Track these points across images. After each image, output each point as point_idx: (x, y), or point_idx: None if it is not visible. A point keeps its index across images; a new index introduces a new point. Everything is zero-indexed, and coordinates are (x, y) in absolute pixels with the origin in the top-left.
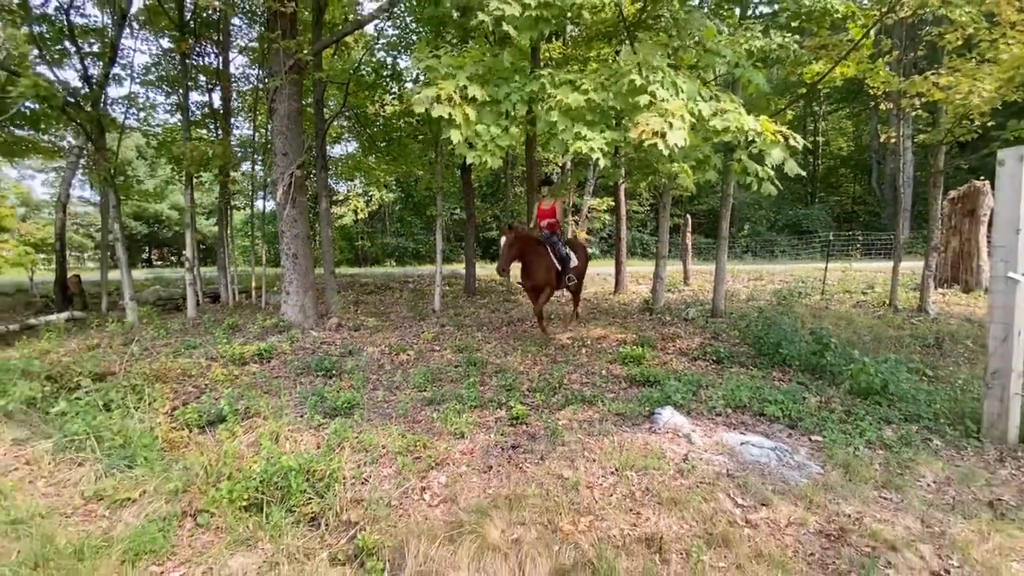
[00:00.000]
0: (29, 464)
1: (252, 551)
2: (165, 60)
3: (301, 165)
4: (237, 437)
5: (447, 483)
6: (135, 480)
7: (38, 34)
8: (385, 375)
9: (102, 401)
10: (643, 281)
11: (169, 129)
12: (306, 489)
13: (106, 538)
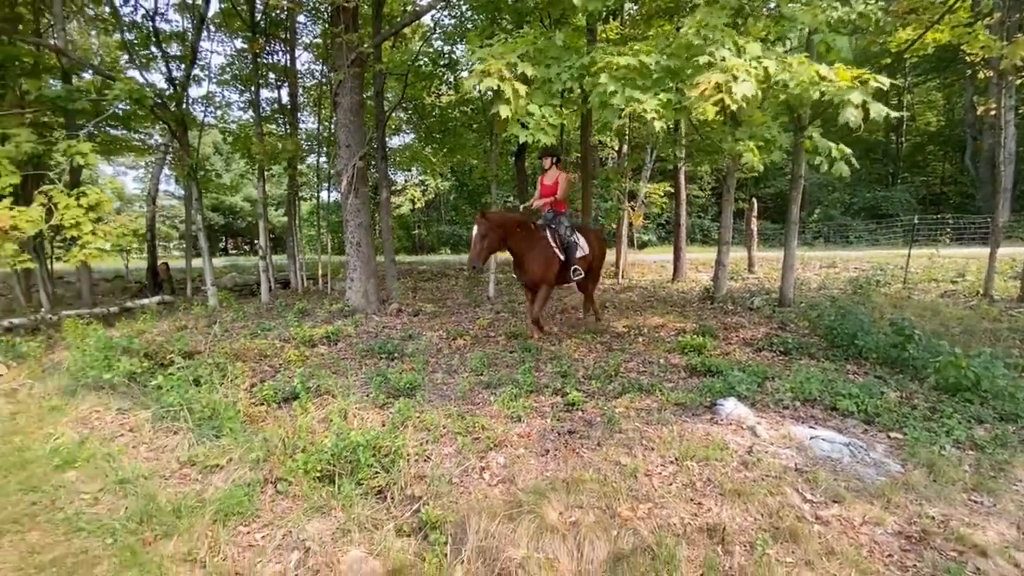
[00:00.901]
0: (132, 431)
1: (326, 518)
2: (238, 60)
3: (363, 156)
4: (309, 413)
5: (505, 464)
6: (222, 449)
7: (128, 41)
8: (443, 359)
9: (192, 377)
10: (703, 269)
11: (242, 125)
12: (373, 463)
13: (199, 499)
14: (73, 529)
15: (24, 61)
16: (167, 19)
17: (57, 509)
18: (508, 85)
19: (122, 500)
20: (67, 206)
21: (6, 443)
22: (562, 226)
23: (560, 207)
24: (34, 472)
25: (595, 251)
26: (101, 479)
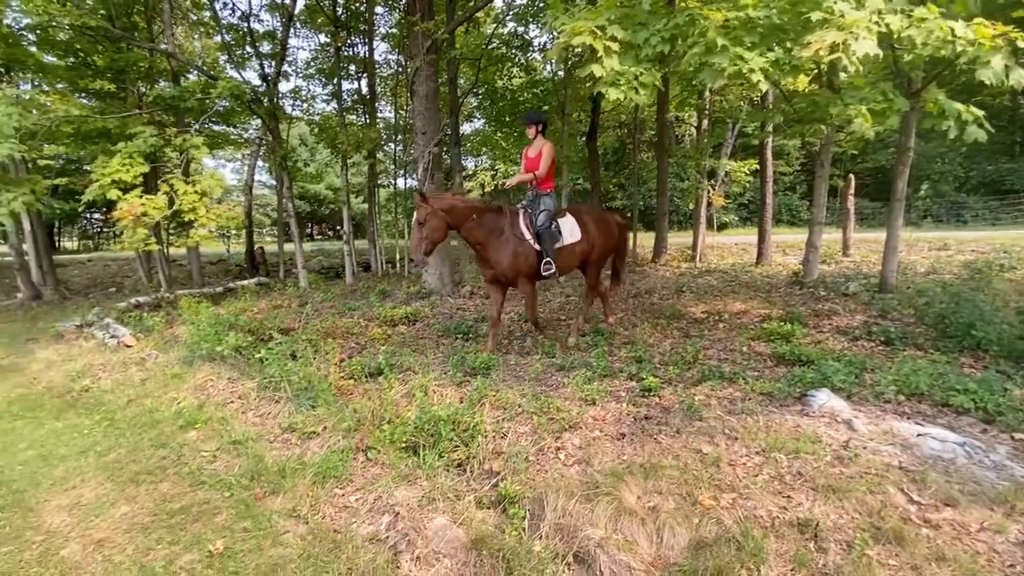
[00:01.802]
0: (240, 398)
1: (412, 486)
2: (321, 54)
3: (438, 143)
4: (393, 388)
5: (581, 446)
6: (318, 418)
7: (226, 42)
8: (516, 341)
9: (289, 351)
10: (791, 251)
11: (326, 117)
12: (453, 437)
13: (300, 462)
14: (197, 482)
15: (140, 66)
16: (260, 19)
17: (183, 464)
18: (600, 42)
19: (235, 459)
20: (185, 192)
21: (139, 405)
22: (538, 209)
23: (544, 185)
24: (162, 431)
25: (594, 238)
26: (217, 439)
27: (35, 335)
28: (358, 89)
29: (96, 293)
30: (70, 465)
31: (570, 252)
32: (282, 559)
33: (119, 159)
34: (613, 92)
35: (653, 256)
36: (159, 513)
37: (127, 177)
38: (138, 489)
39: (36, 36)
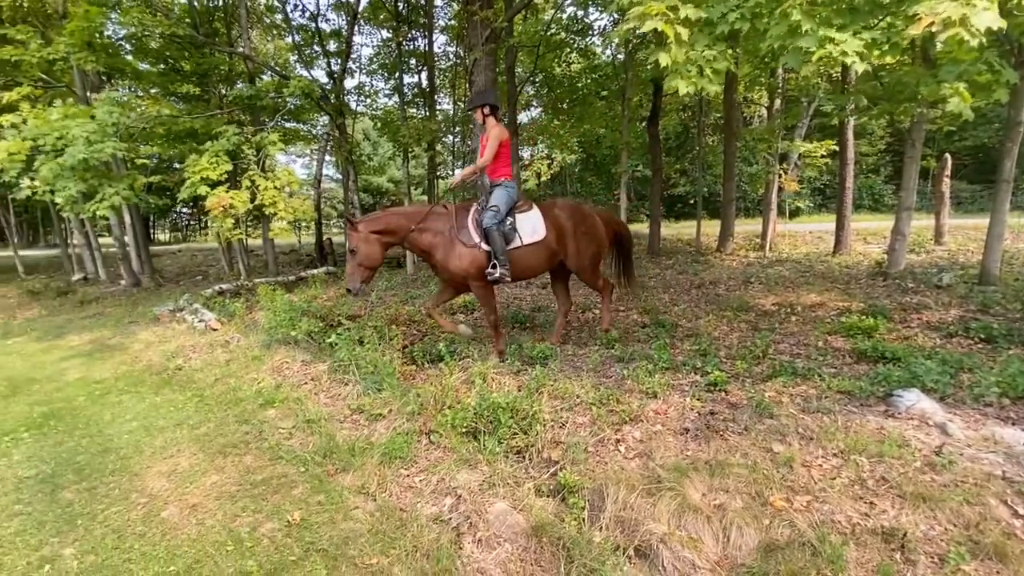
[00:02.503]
0: (313, 380)
1: (473, 470)
2: (383, 50)
3: None
4: (453, 375)
5: (642, 439)
6: (383, 401)
7: (296, 43)
8: (573, 331)
9: (356, 337)
10: (873, 240)
11: (388, 111)
12: (512, 425)
13: (368, 442)
14: (276, 456)
15: (221, 69)
16: (327, 19)
17: (263, 439)
18: (671, 28)
19: (310, 437)
20: (265, 187)
21: (224, 384)
22: (489, 204)
23: (494, 174)
24: (245, 408)
25: (567, 239)
26: (293, 418)
27: (135, 318)
28: (418, 83)
29: (185, 281)
30: (167, 436)
31: (531, 253)
32: (353, 533)
33: (207, 158)
34: (683, 86)
35: (718, 245)
36: (243, 483)
37: (214, 174)
38: (225, 460)
39: (132, 46)
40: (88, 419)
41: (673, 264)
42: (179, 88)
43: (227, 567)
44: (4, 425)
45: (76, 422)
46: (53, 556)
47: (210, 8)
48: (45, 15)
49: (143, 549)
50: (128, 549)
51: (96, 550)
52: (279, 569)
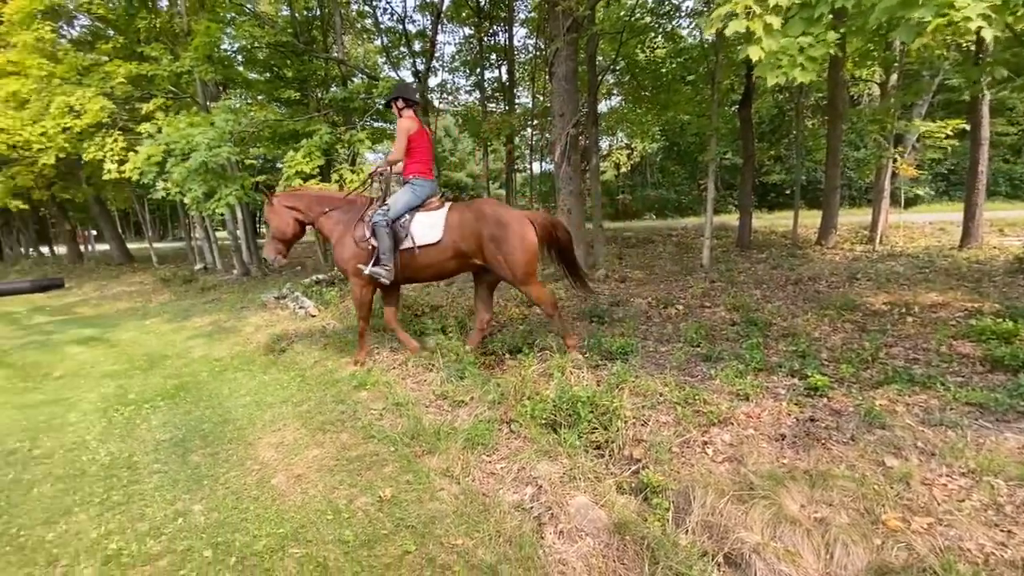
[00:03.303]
0: (400, 366)
1: (554, 462)
2: (465, 47)
3: (576, 124)
4: (532, 366)
5: (732, 443)
6: (465, 388)
7: (385, 45)
8: (654, 327)
9: (439, 326)
10: (1011, 231)
11: (468, 107)
12: (592, 420)
13: (452, 427)
14: (368, 435)
15: (318, 74)
16: (413, 20)
17: (357, 419)
18: (758, 23)
19: (398, 419)
20: (351, 181)
21: (322, 366)
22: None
23: (406, 171)
24: (340, 389)
25: (471, 243)
26: (383, 400)
27: (246, 304)
28: (498, 77)
29: (287, 271)
30: (275, 411)
31: (425, 255)
32: (439, 513)
33: (301, 153)
34: (771, 77)
35: (819, 237)
36: (340, 459)
37: (307, 168)
38: (324, 436)
39: (243, 57)
40: (210, 392)
41: (766, 258)
42: (282, 94)
43: (328, 534)
44: (144, 394)
45: (200, 394)
46: (185, 511)
47: (309, 18)
48: (173, 34)
49: (257, 511)
50: (245, 510)
51: (219, 508)
52: (372, 541)
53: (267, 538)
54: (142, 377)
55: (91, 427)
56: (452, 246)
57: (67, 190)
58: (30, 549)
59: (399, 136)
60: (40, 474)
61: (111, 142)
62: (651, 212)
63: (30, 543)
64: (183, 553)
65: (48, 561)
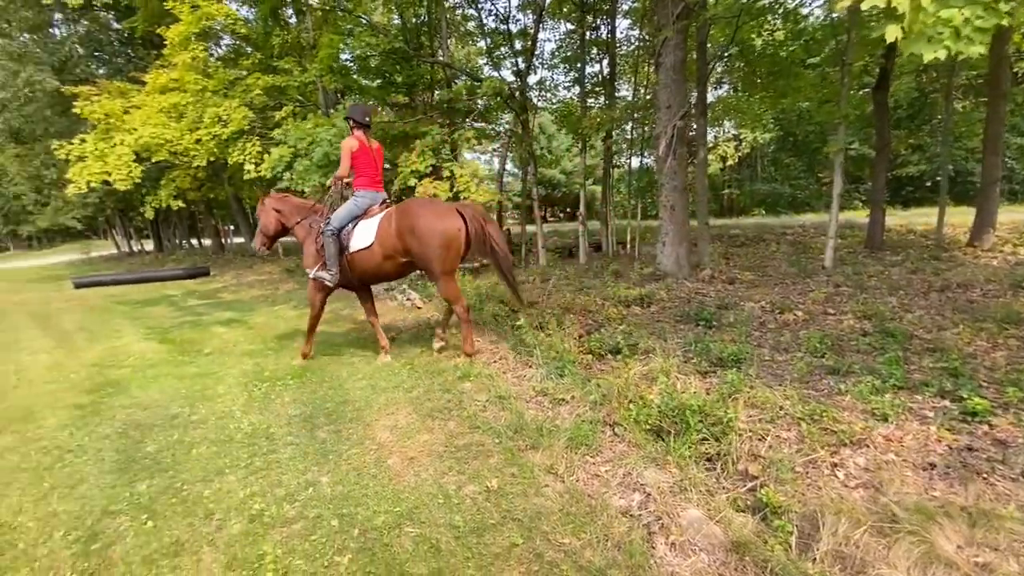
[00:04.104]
0: (501, 360)
1: (662, 470)
2: (565, 42)
3: (683, 116)
4: (633, 368)
5: (867, 467)
6: (565, 387)
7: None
8: (769, 334)
9: (536, 323)
10: None
11: (567, 104)
12: (702, 429)
13: (554, 425)
14: (473, 425)
15: (425, 78)
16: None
17: (462, 408)
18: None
19: (501, 412)
20: (460, 176)
21: (428, 356)
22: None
23: (354, 184)
24: (446, 379)
25: (394, 243)
26: (486, 392)
27: None
28: (599, 71)
29: None
30: (388, 396)
31: (364, 259)
32: (544, 509)
33: (415, 153)
34: (928, 52)
35: (971, 238)
36: (448, 446)
37: (421, 167)
38: (433, 423)
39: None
40: (331, 374)
41: (902, 261)
42: (392, 98)
43: (439, 517)
44: (277, 372)
45: (323, 376)
46: (314, 481)
47: (417, 24)
48: (300, 48)
49: (376, 488)
50: (365, 486)
51: (343, 482)
52: (481, 529)
53: (385, 515)
54: (274, 357)
55: (236, 399)
56: (381, 248)
57: (213, 190)
58: (191, 502)
59: (343, 154)
60: (197, 437)
61: (250, 147)
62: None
63: (191, 497)
64: (314, 520)
65: (206, 514)
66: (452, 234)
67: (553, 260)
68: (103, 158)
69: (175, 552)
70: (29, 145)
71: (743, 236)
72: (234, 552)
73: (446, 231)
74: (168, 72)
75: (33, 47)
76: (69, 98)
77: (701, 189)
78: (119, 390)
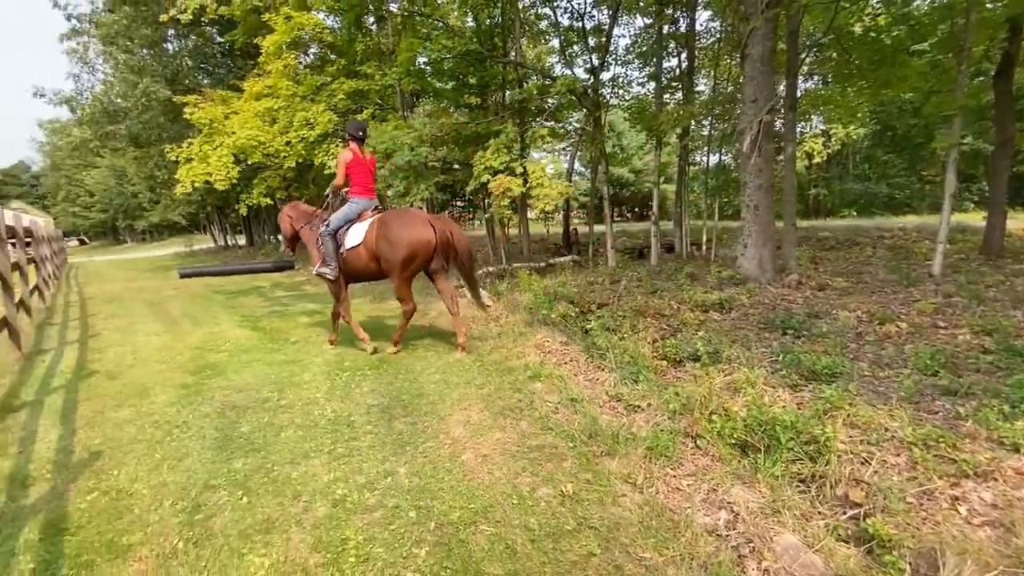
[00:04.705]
0: (571, 361)
1: (750, 489)
2: (641, 37)
3: (771, 110)
4: (715, 378)
5: (996, 504)
6: (640, 393)
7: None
8: (868, 347)
9: (607, 325)
10: None
11: (640, 100)
12: (794, 448)
13: (630, 432)
14: (545, 427)
15: (497, 79)
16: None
17: (533, 409)
18: None
19: (573, 415)
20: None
21: (498, 353)
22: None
23: (349, 192)
24: (516, 378)
25: (372, 246)
26: (557, 394)
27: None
28: (678, 65)
29: None
30: (460, 391)
31: (354, 258)
32: (623, 520)
33: (490, 151)
34: None
35: None
36: (521, 446)
37: (495, 163)
38: (505, 421)
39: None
40: (406, 367)
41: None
42: (465, 99)
43: (514, 518)
44: (356, 363)
45: (398, 368)
46: (392, 471)
47: (491, 26)
48: (381, 53)
49: (451, 483)
50: (441, 480)
51: (419, 474)
52: (556, 534)
53: (460, 511)
54: (353, 347)
55: (319, 386)
56: (366, 249)
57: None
58: (280, 482)
59: (339, 166)
60: (286, 421)
61: (333, 147)
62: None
63: (280, 478)
64: (393, 510)
65: (294, 496)
66: (417, 243)
67: (623, 261)
68: (206, 160)
69: (266, 529)
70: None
71: (832, 239)
72: (319, 534)
73: (411, 240)
74: (263, 79)
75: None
76: (179, 106)
77: (789, 188)
78: (217, 372)
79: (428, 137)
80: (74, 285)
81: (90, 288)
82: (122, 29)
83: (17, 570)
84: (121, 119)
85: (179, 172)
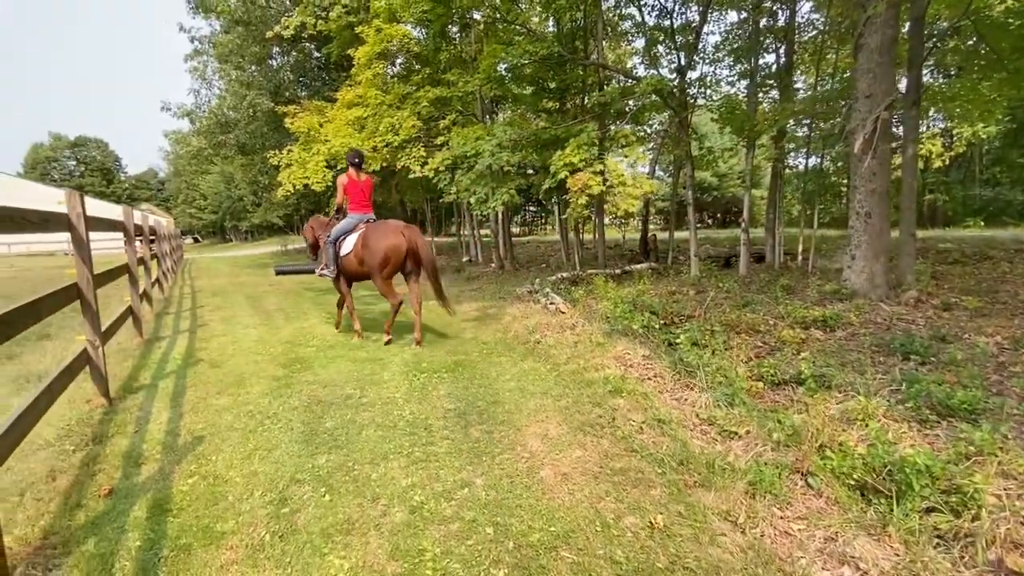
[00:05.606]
0: (656, 377)
1: (877, 542)
2: (732, 33)
3: (890, 106)
4: (826, 406)
5: None
6: (737, 418)
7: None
8: (1014, 379)
9: (696, 339)
10: None
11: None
12: (928, 495)
13: (727, 462)
14: (630, 448)
15: (577, 82)
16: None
17: (615, 427)
18: None
19: (660, 437)
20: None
21: (574, 363)
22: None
23: (349, 208)
24: (595, 391)
25: (360, 252)
26: (642, 412)
27: (503, 295)
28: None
29: (533, 267)
30: (537, 402)
31: (348, 262)
32: (723, 564)
33: (569, 149)
34: None
35: None
36: (603, 468)
37: (575, 160)
38: (585, 438)
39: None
40: (481, 372)
41: None
42: (544, 104)
43: (598, 547)
44: (433, 365)
45: (474, 373)
46: (468, 481)
47: (573, 28)
48: (462, 60)
49: (529, 501)
50: (519, 496)
51: (496, 487)
52: (646, 571)
53: (540, 532)
54: (430, 350)
55: (398, 387)
56: (355, 256)
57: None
58: (360, 483)
59: (338, 188)
60: (366, 419)
61: (415, 151)
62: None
63: (360, 477)
64: (470, 523)
65: (373, 498)
66: (390, 249)
67: (707, 270)
68: (304, 164)
69: (347, 530)
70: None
71: (956, 251)
72: (397, 542)
73: (384, 247)
74: (354, 89)
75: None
76: (280, 116)
77: (908, 193)
78: (304, 367)
79: (508, 143)
80: (188, 279)
81: (200, 281)
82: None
83: (125, 547)
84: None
85: (280, 175)
